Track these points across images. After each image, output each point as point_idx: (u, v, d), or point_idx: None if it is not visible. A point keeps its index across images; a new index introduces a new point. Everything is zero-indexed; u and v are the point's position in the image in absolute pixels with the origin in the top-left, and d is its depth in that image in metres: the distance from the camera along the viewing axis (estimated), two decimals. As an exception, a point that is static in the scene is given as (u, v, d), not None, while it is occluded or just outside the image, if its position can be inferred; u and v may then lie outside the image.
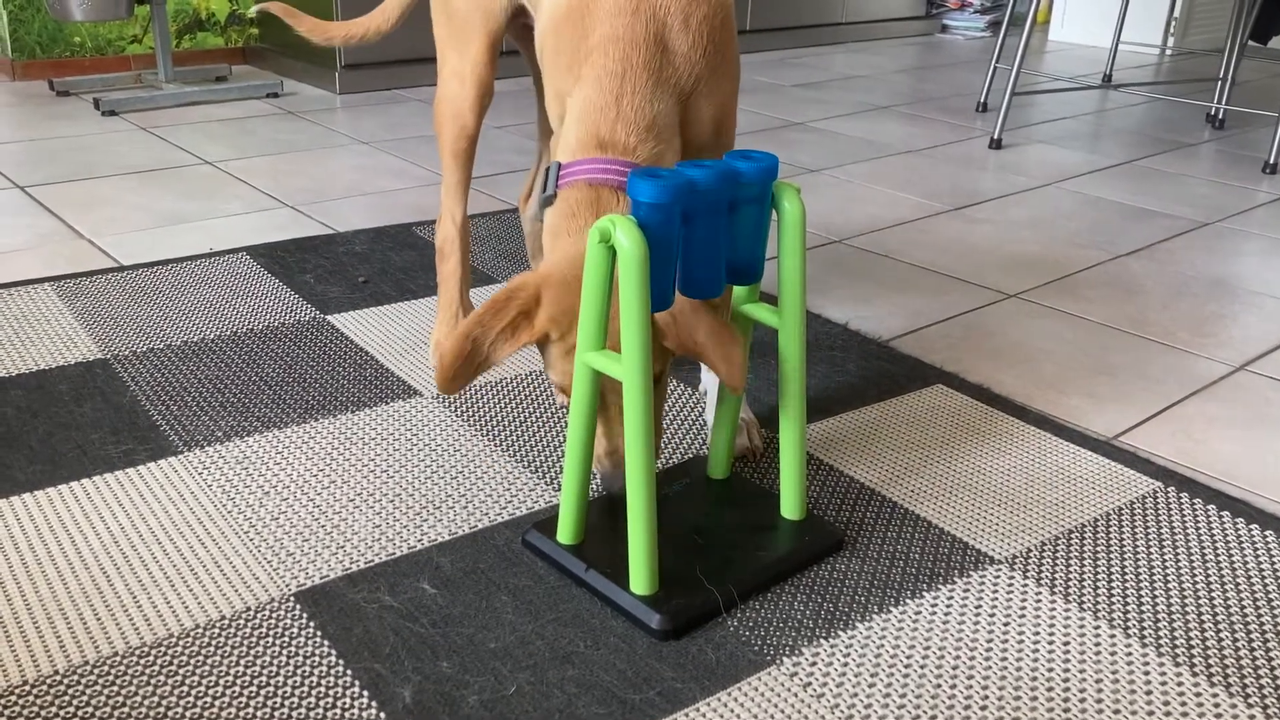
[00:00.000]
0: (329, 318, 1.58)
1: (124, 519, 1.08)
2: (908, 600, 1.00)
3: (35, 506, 1.10)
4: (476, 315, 0.98)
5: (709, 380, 1.30)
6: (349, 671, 0.89)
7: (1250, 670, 0.93)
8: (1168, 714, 0.88)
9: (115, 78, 3.10)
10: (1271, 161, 2.58)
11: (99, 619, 0.94)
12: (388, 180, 2.30)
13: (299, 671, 0.89)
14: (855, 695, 0.89)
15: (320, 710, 0.85)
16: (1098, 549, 1.09)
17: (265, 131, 2.69)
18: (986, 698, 0.89)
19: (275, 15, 1.61)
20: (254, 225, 1.99)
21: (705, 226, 0.93)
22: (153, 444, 1.22)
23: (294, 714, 0.84)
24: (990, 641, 0.95)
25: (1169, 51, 4.36)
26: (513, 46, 1.47)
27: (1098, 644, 0.95)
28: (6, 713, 0.84)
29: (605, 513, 1.08)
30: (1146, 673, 0.92)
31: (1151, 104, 3.35)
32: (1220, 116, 3.06)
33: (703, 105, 1.09)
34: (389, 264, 1.80)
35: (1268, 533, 1.12)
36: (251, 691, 0.87)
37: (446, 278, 1.45)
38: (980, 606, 1.00)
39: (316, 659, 0.90)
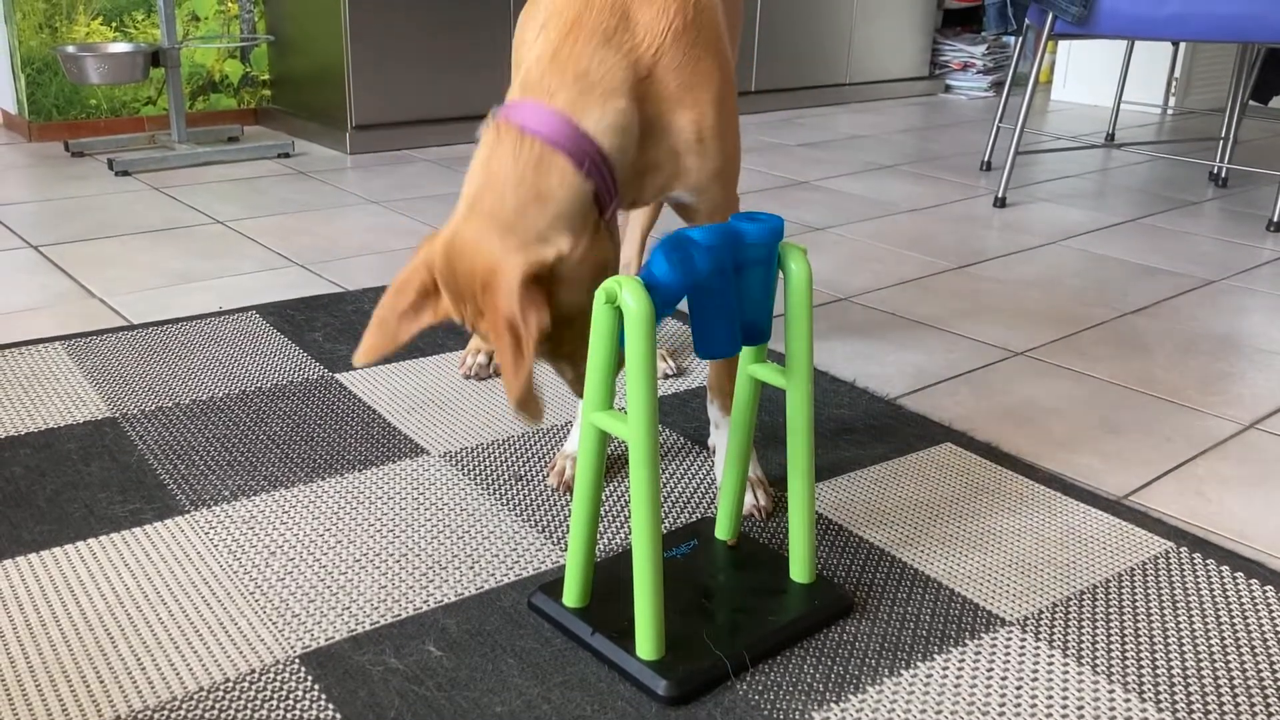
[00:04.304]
0: (337, 376, 1.58)
1: (129, 579, 1.08)
2: (918, 663, 0.99)
3: (41, 567, 1.09)
4: (385, 296, 0.99)
5: (718, 437, 1.30)
6: (353, 736, 0.88)
7: (1268, 736, 0.91)
8: (1185, 781, 0.86)
9: (129, 139, 3.14)
10: (1275, 220, 2.59)
11: (102, 681, 0.93)
12: (397, 239, 2.32)
13: (303, 736, 0.88)
14: (866, 761, 0.87)
15: (324, 776, 0.84)
16: (1110, 611, 1.08)
17: (276, 191, 2.72)
18: (1000, 764, 0.87)
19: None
20: (264, 284, 2.00)
21: (714, 290, 0.94)
22: (159, 503, 1.22)
23: (297, 780, 0.83)
24: (1003, 705, 0.94)
25: (1170, 111, 4.40)
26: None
27: (1112, 708, 0.94)
28: (7, 778, 0.83)
29: (612, 575, 1.07)
30: (1163, 738, 0.91)
31: (1154, 163, 3.38)
32: (1223, 175, 3.08)
33: (671, 102, 1.00)
34: (397, 322, 1.80)
35: (1282, 594, 1.11)
36: (254, 757, 0.86)
37: None
38: (992, 669, 0.98)
39: (320, 723, 0.89)
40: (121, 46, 3.00)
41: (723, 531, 1.15)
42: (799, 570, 1.07)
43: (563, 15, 1.00)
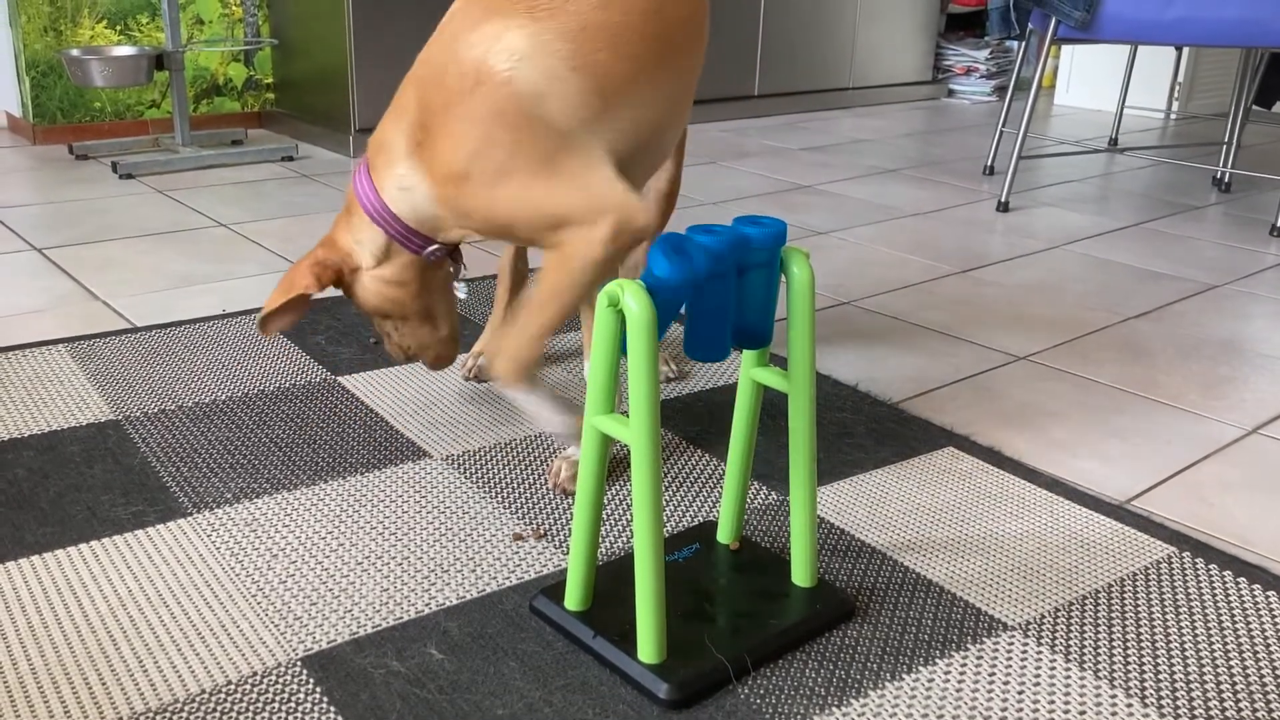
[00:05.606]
0: (339, 379, 1.58)
1: (132, 582, 1.08)
2: (920, 668, 0.99)
3: (44, 569, 1.10)
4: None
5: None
6: (355, 739, 0.88)
7: (1270, 741, 0.91)
8: (1187, 787, 0.86)
9: (133, 141, 3.15)
10: (1278, 225, 2.59)
11: (104, 683, 0.93)
12: (400, 242, 2.32)
13: (304, 739, 0.88)
14: (868, 766, 0.87)
15: (325, 779, 0.84)
16: (1112, 615, 1.08)
17: (279, 194, 2.73)
18: (1001, 769, 0.87)
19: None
20: (267, 287, 2.00)
21: (712, 292, 0.94)
22: (162, 506, 1.22)
23: (298, 783, 0.83)
24: (1005, 710, 0.94)
25: (1174, 116, 4.40)
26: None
27: (1114, 713, 0.94)
28: (8, 780, 0.83)
29: (614, 579, 1.07)
30: (1164, 744, 0.91)
31: (1157, 167, 3.38)
32: (1226, 180, 3.08)
33: (439, 165, 1.16)
34: (400, 326, 1.80)
35: (1285, 599, 1.11)
36: (256, 759, 0.86)
37: (498, 297, 1.62)
38: (994, 674, 0.98)
39: (322, 726, 0.89)
40: (126, 50, 3.01)
41: (725, 535, 1.15)
42: (800, 574, 1.07)
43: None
